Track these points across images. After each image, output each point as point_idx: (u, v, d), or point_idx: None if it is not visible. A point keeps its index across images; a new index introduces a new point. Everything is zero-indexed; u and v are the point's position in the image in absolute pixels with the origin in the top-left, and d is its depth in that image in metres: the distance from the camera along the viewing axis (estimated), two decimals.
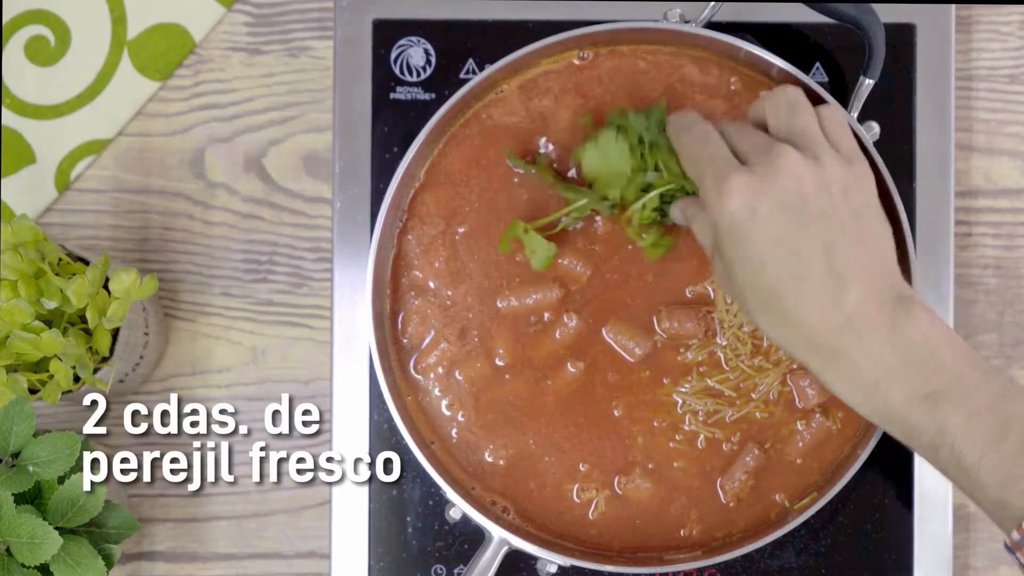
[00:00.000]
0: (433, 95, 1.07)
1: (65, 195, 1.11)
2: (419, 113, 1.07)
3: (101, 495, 0.95)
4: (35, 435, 0.95)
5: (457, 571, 1.06)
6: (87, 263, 1.02)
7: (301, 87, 1.11)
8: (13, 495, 0.93)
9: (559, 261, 1.01)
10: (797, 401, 1.01)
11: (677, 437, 1.01)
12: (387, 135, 1.07)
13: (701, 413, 1.01)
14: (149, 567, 1.10)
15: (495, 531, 0.98)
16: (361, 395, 1.06)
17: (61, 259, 1.00)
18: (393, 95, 1.08)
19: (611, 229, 1.02)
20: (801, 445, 1.01)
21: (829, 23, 1.05)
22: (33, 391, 1.00)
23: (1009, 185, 1.10)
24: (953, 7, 1.07)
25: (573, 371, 1.02)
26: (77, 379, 1.00)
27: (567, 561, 0.98)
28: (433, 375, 1.02)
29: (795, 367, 1.01)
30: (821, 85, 1.00)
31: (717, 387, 1.01)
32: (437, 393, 1.02)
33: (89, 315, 0.97)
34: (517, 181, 1.02)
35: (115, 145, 1.12)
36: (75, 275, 0.97)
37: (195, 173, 1.11)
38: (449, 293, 1.02)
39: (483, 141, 1.03)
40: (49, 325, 0.98)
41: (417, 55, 1.08)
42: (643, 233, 0.99)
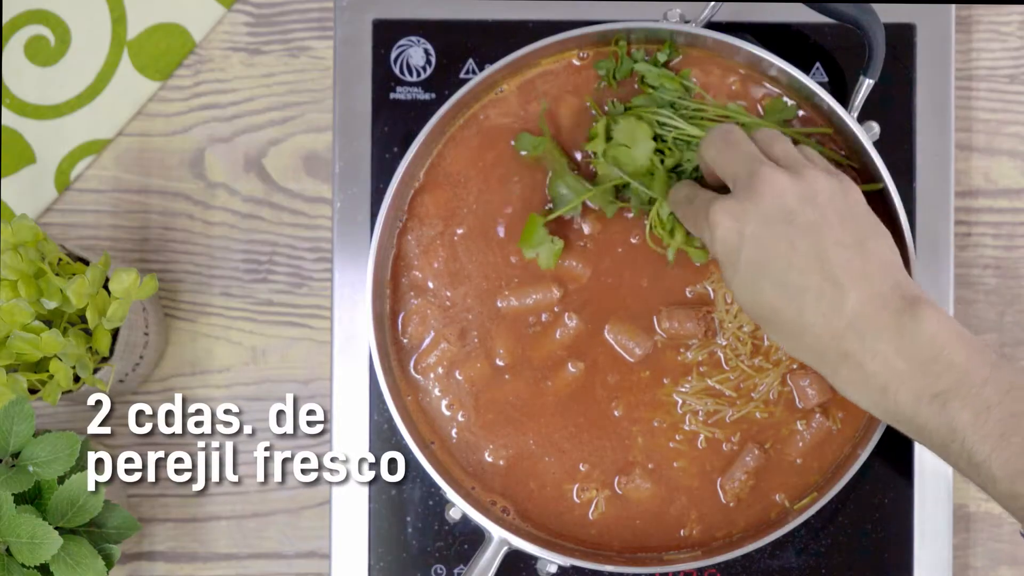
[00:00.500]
0: (433, 95, 1.07)
1: (65, 195, 1.11)
2: (419, 113, 1.07)
3: (101, 495, 0.95)
4: (35, 435, 0.95)
5: (457, 571, 1.06)
6: (87, 263, 1.01)
7: (301, 87, 1.11)
8: (13, 495, 0.93)
9: (559, 262, 1.01)
10: (797, 401, 1.01)
11: (677, 437, 1.01)
12: (387, 135, 1.07)
13: (701, 413, 1.01)
14: (149, 567, 1.10)
15: (495, 531, 0.98)
16: (361, 395, 1.06)
17: (61, 259, 1.00)
18: (393, 95, 1.08)
19: (610, 229, 1.02)
20: (801, 445, 1.01)
21: (829, 23, 1.04)
22: (33, 391, 1.00)
23: (1009, 185, 1.10)
24: (953, 7, 1.07)
25: (573, 371, 1.02)
26: (77, 379, 1.00)
27: (567, 561, 0.98)
28: (433, 375, 1.02)
29: (795, 367, 1.01)
30: (821, 85, 1.00)
31: (717, 387, 1.01)
32: (437, 393, 1.02)
33: (89, 315, 0.97)
34: (517, 180, 1.02)
35: (115, 145, 1.11)
36: (75, 275, 0.97)
37: (195, 173, 1.11)
38: (448, 294, 1.02)
39: (482, 142, 1.03)
40: (49, 325, 0.98)
41: (417, 55, 1.08)
42: (671, 237, 0.99)
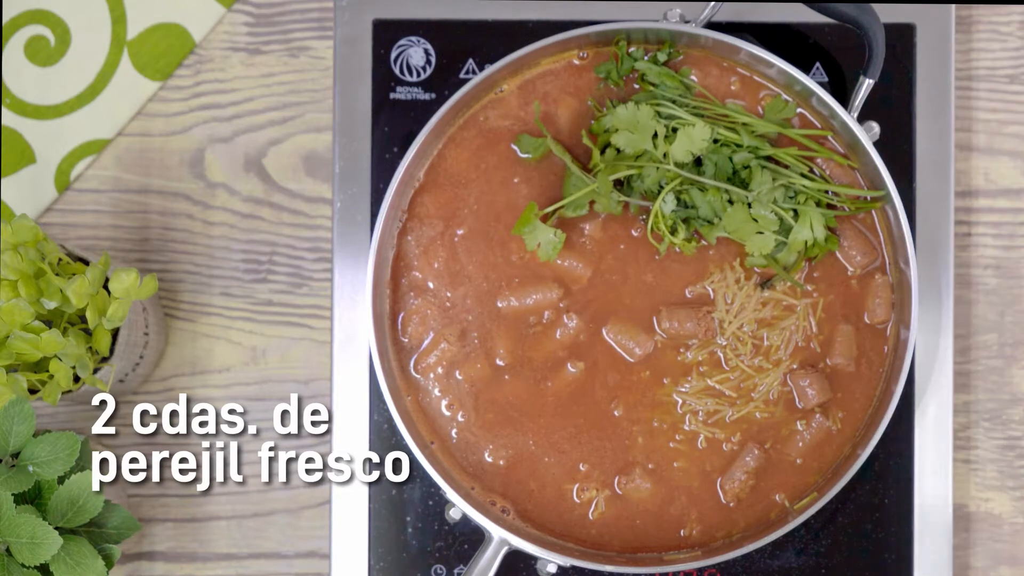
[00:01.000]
0: (433, 95, 1.07)
1: (65, 195, 1.11)
2: (419, 113, 1.07)
3: (101, 495, 0.95)
4: (35, 435, 0.95)
5: (457, 571, 1.06)
6: (87, 263, 1.01)
7: (301, 87, 1.11)
8: (13, 495, 0.93)
9: (558, 262, 1.01)
10: (797, 401, 1.01)
11: (677, 437, 1.01)
12: (387, 135, 1.07)
13: (701, 413, 1.01)
14: (149, 567, 1.10)
15: (495, 531, 0.98)
16: (361, 395, 1.06)
17: (61, 259, 1.00)
18: (393, 95, 1.08)
19: (611, 229, 1.02)
20: (801, 445, 1.01)
21: (829, 23, 1.04)
22: (33, 391, 1.00)
23: (1009, 185, 1.10)
24: (953, 7, 1.07)
25: (573, 371, 1.02)
26: (77, 379, 1.00)
27: (567, 561, 0.98)
28: (433, 375, 1.02)
29: (795, 367, 1.01)
30: (821, 85, 1.00)
31: (717, 387, 1.01)
32: (437, 393, 1.02)
33: (89, 315, 0.97)
34: (517, 181, 1.02)
35: (115, 145, 1.11)
36: (75, 275, 0.97)
37: (195, 173, 1.11)
38: (449, 294, 1.02)
39: (482, 142, 1.03)
40: (49, 325, 0.98)
41: (417, 55, 1.08)
42: (672, 234, 0.99)
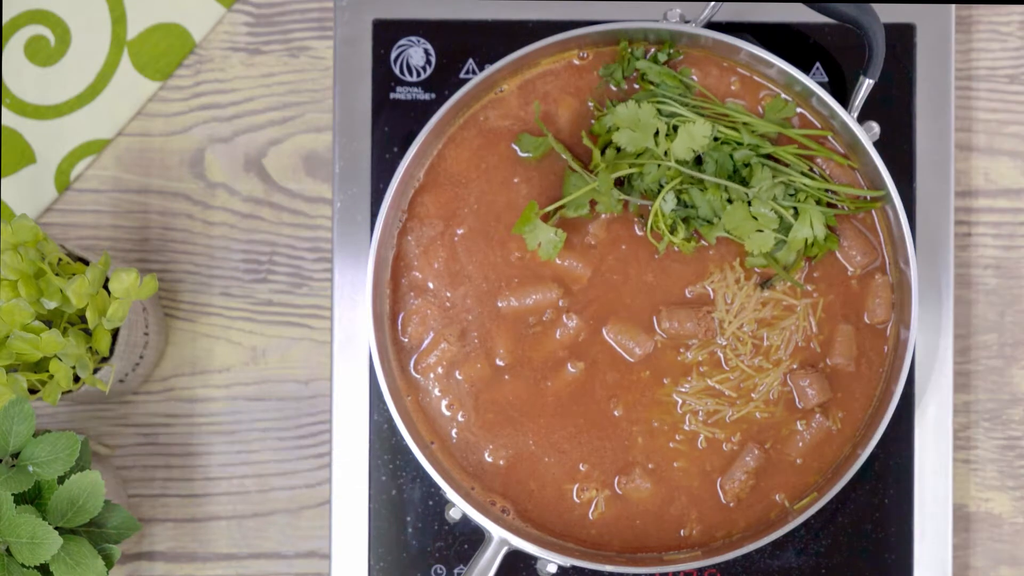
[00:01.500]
0: (433, 95, 1.07)
1: (65, 195, 1.11)
2: (419, 113, 1.07)
3: (101, 495, 0.95)
4: (35, 435, 0.95)
5: (457, 571, 1.06)
6: (87, 263, 1.01)
7: (301, 87, 1.11)
8: (13, 495, 0.93)
9: (558, 262, 1.01)
10: (797, 401, 1.01)
11: (677, 437, 1.01)
12: (387, 135, 1.07)
13: (701, 413, 1.01)
14: (149, 567, 1.10)
15: (495, 531, 0.98)
16: (361, 395, 1.06)
17: (61, 259, 1.00)
18: (393, 95, 1.08)
19: (613, 230, 1.02)
20: (801, 445, 1.01)
21: (829, 23, 1.05)
22: (33, 391, 1.00)
23: (1009, 185, 1.10)
24: (953, 7, 1.07)
25: (573, 371, 1.02)
26: (77, 379, 1.00)
27: (567, 561, 0.98)
28: (433, 375, 1.02)
29: (795, 367, 1.01)
30: (821, 85, 1.00)
31: (717, 387, 1.01)
32: (437, 393, 1.02)
33: (89, 315, 0.97)
34: (517, 181, 1.02)
35: (115, 145, 1.11)
36: (75, 275, 0.97)
37: (195, 173, 1.11)
38: (449, 294, 1.02)
39: (482, 142, 1.03)
40: (49, 325, 0.98)
41: (417, 55, 1.08)
42: (672, 234, 0.99)
